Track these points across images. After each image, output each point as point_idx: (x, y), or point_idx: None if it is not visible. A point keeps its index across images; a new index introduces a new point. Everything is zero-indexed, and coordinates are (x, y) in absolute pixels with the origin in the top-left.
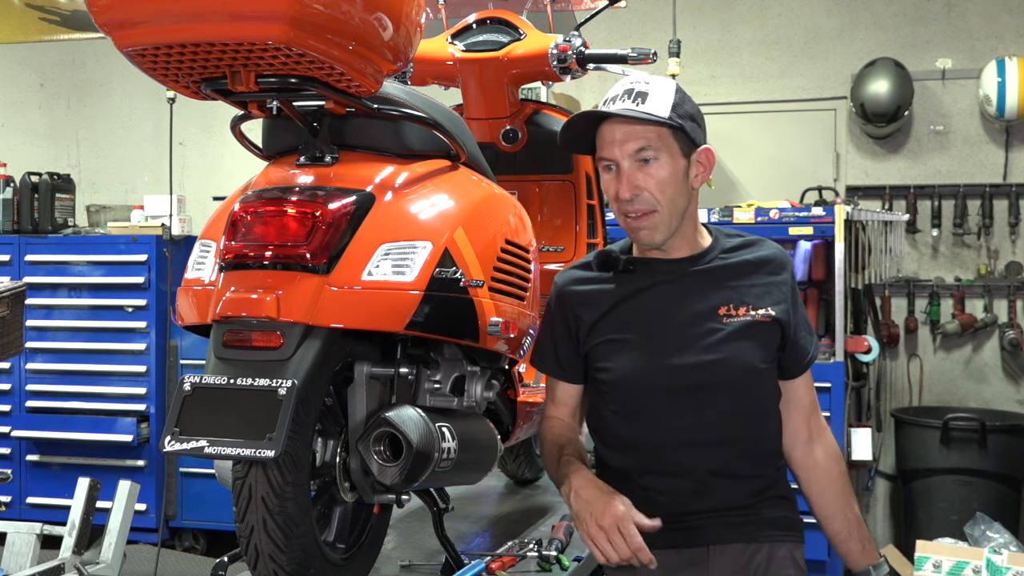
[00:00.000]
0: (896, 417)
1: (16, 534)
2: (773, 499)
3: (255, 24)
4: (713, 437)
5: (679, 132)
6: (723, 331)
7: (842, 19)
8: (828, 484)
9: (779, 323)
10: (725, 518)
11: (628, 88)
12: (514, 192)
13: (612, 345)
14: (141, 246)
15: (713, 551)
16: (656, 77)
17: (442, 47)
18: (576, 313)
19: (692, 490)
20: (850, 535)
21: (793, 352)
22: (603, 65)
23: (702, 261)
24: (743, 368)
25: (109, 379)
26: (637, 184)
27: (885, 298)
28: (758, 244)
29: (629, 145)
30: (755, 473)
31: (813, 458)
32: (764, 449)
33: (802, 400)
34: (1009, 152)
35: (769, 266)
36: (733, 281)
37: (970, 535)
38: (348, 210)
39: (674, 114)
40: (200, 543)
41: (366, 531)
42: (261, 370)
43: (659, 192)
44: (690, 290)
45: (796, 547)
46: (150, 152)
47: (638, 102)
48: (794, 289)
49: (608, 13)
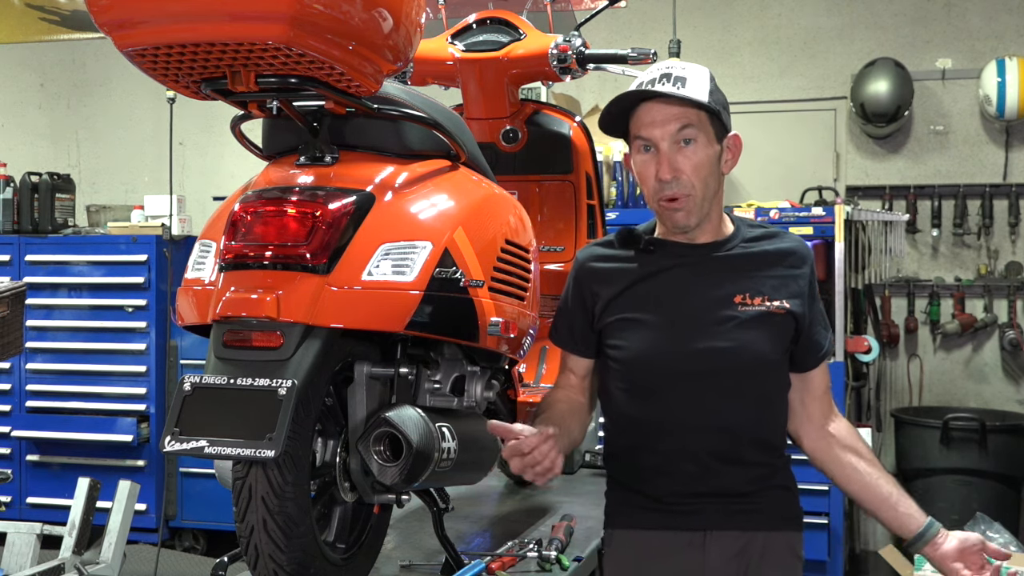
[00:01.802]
0: (896, 417)
1: (16, 534)
2: (775, 489)
3: (255, 24)
4: (719, 422)
5: (715, 117)
6: (737, 319)
7: (842, 19)
8: (858, 462)
9: (793, 316)
10: (725, 504)
11: (666, 72)
12: (514, 192)
13: (626, 324)
14: (141, 246)
15: (710, 536)
16: (691, 64)
17: (442, 47)
18: (593, 289)
19: (695, 473)
20: (892, 504)
21: (807, 346)
22: (603, 65)
23: (723, 248)
24: (754, 357)
25: (109, 379)
26: (677, 167)
27: (885, 298)
28: (780, 236)
29: (671, 126)
30: (758, 461)
31: (833, 431)
32: (769, 438)
33: (817, 389)
34: (1009, 152)
35: (790, 259)
36: (752, 271)
37: None
38: (348, 210)
39: (711, 99)
40: (200, 543)
41: (366, 531)
42: (261, 370)
43: (695, 175)
44: (708, 276)
45: (795, 537)
46: (150, 152)
47: (679, 86)
48: (812, 284)
49: (608, 13)
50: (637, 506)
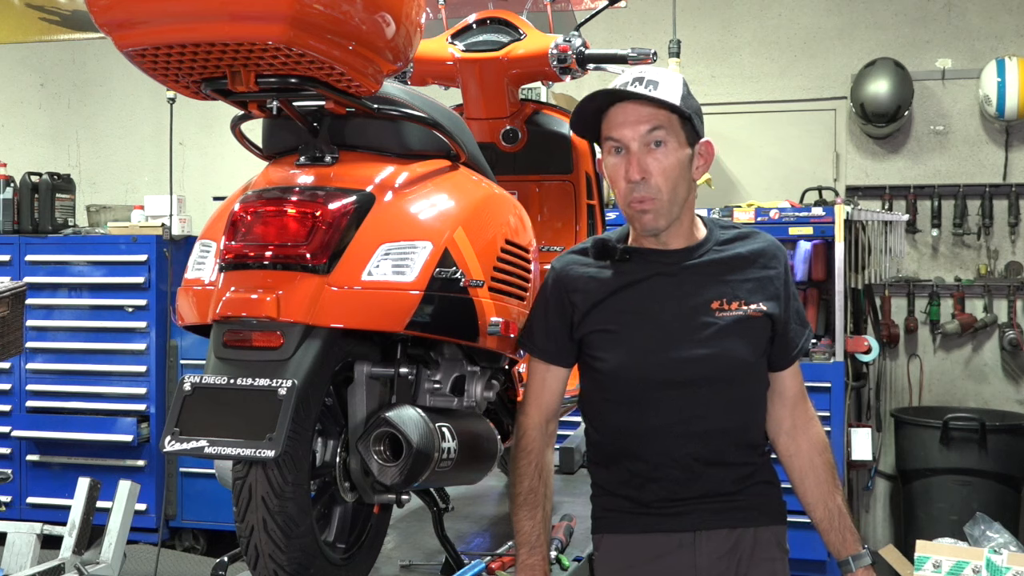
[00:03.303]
0: (896, 417)
1: (16, 534)
2: (759, 485)
3: (255, 24)
4: (703, 428)
5: (687, 121)
6: (716, 325)
7: (842, 19)
8: (808, 473)
9: (770, 318)
10: (712, 504)
11: (638, 76)
12: (514, 192)
13: (606, 336)
14: (141, 246)
15: (700, 536)
16: (664, 70)
17: (442, 47)
18: (572, 299)
19: (681, 478)
20: (831, 525)
21: (781, 345)
22: (603, 65)
23: (696, 254)
24: (734, 362)
25: (109, 379)
26: (647, 168)
27: (885, 298)
28: (752, 237)
29: (642, 127)
30: (742, 461)
31: (795, 446)
32: (751, 438)
33: (787, 391)
34: (1009, 152)
35: (762, 259)
36: (726, 275)
37: (970, 535)
38: (348, 210)
39: (683, 104)
40: (200, 543)
41: (366, 531)
42: (261, 370)
43: (664, 178)
44: (684, 284)
45: (779, 530)
46: (150, 152)
47: (651, 88)
48: (787, 282)
49: (608, 13)
50: (625, 511)
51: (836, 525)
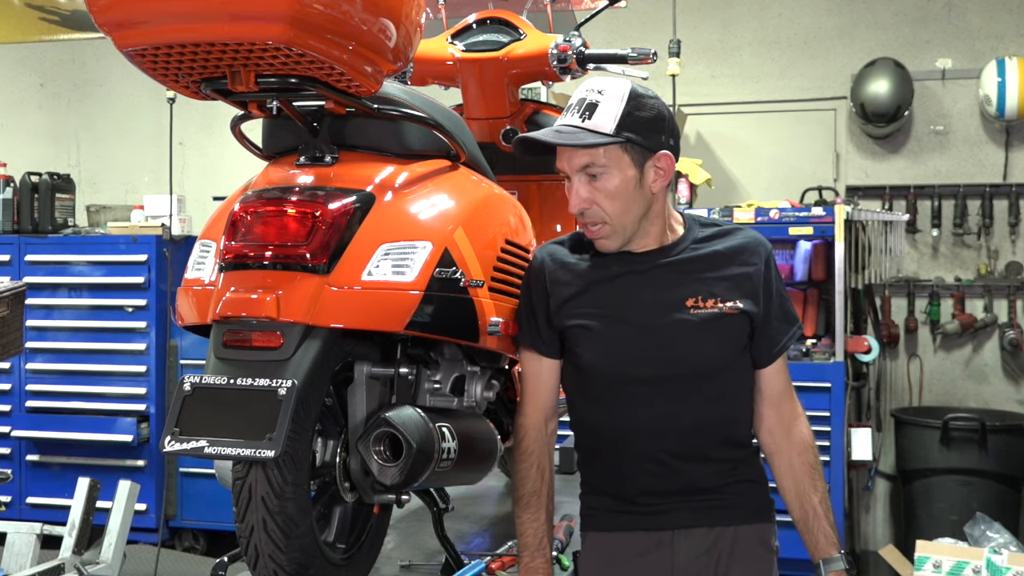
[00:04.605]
0: (896, 417)
1: (16, 534)
2: (742, 482)
3: (255, 24)
4: (678, 425)
5: (627, 144)
6: (690, 323)
7: (842, 19)
8: (787, 472)
9: (748, 316)
10: (691, 502)
11: (581, 98)
12: (514, 192)
13: (580, 331)
14: (141, 246)
15: (678, 535)
16: (611, 82)
17: (442, 47)
18: (550, 289)
19: (659, 474)
20: (806, 526)
21: (762, 342)
22: (603, 65)
23: (671, 253)
24: (708, 360)
25: (109, 379)
26: (585, 197)
27: (885, 298)
28: (732, 233)
29: (576, 161)
30: (724, 457)
31: (776, 445)
32: (731, 435)
33: (771, 388)
34: (1009, 152)
35: (742, 256)
36: (702, 272)
37: (970, 535)
38: (348, 210)
39: (622, 126)
40: (200, 543)
41: (366, 531)
42: (261, 370)
43: (608, 204)
44: (658, 281)
45: (766, 528)
46: (150, 152)
47: (585, 116)
48: (768, 279)
49: (608, 13)
50: (608, 508)
51: (811, 526)
